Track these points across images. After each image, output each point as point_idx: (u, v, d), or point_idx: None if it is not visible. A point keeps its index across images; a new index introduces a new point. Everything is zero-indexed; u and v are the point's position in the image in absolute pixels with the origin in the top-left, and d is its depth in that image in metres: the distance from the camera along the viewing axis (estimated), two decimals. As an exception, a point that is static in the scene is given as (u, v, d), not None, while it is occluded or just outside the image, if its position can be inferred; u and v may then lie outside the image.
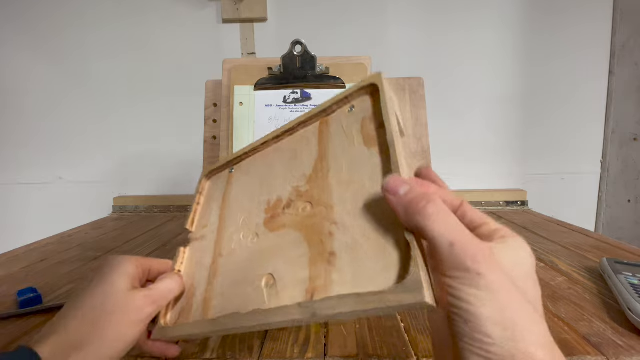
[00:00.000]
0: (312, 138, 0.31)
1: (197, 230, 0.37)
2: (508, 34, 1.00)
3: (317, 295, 0.22)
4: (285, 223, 0.29)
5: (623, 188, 0.98)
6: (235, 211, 0.34)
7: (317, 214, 0.27)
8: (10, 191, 1.09)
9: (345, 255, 0.23)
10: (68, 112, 1.06)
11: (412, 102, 0.59)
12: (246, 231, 0.32)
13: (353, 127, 0.28)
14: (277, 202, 0.31)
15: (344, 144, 0.28)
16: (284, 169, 0.32)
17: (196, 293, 0.31)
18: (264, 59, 0.56)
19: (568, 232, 0.70)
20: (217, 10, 1.01)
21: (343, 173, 0.27)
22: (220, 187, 0.38)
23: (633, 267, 0.44)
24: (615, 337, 0.33)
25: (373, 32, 1.00)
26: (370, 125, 0.27)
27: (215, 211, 0.37)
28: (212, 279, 0.31)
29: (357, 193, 0.25)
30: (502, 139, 1.04)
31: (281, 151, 0.34)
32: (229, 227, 0.34)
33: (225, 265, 0.31)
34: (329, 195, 0.27)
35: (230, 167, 0.39)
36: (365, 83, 0.28)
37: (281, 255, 0.27)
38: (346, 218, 0.25)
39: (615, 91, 0.99)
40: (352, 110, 0.30)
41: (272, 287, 0.26)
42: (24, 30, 1.03)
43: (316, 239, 0.25)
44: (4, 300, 0.45)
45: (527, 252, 0.20)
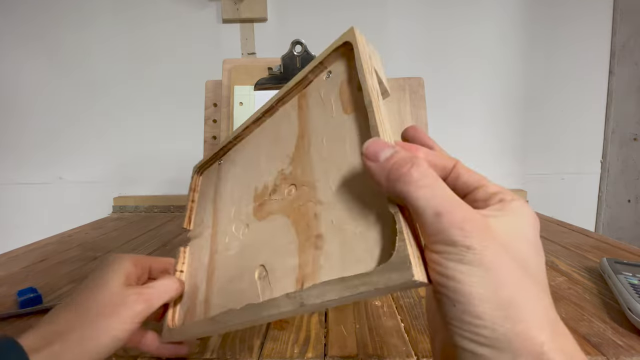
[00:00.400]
0: (292, 114, 0.28)
1: (195, 228, 0.36)
2: (508, 32, 1.00)
3: (307, 283, 0.21)
4: (273, 209, 0.26)
5: (623, 188, 0.98)
6: (228, 204, 0.33)
7: (302, 196, 0.24)
8: (10, 191, 1.09)
9: (331, 236, 0.21)
10: (68, 112, 1.06)
11: (412, 102, 0.59)
12: (238, 223, 0.30)
13: (331, 94, 0.25)
14: (264, 189, 0.28)
15: (323, 114, 0.25)
16: (268, 152, 0.30)
17: (198, 293, 0.30)
18: (264, 59, 0.56)
19: (568, 232, 0.70)
20: (217, 10, 1.01)
21: (324, 147, 0.24)
22: (213, 182, 0.37)
23: (633, 267, 0.44)
24: (615, 337, 0.33)
25: (373, 31, 1.00)
26: (349, 89, 0.24)
27: (209, 206, 0.36)
28: (211, 277, 0.30)
29: (339, 166, 0.22)
30: (502, 139, 1.04)
31: (264, 133, 0.31)
32: (222, 221, 0.33)
33: (221, 261, 0.30)
34: (311, 172, 0.24)
35: (217, 159, 0.37)
36: (339, 42, 0.24)
37: (271, 244, 0.25)
38: (330, 196, 0.22)
39: (615, 91, 0.99)
40: (329, 77, 0.26)
41: (265, 279, 0.24)
42: (24, 30, 1.03)
43: (303, 223, 0.23)
44: (4, 300, 0.45)
45: (530, 216, 0.18)
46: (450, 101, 1.01)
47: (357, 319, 0.38)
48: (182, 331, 0.29)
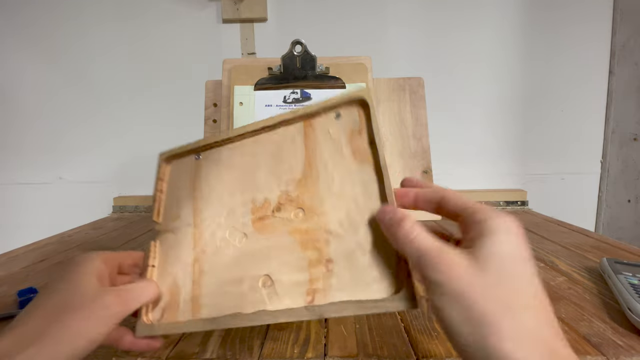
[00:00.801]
0: (297, 138, 0.32)
1: (166, 221, 0.34)
2: (508, 32, 1.00)
3: (318, 298, 0.25)
4: (277, 226, 0.30)
5: (623, 188, 0.98)
6: (215, 205, 0.33)
7: (310, 221, 0.29)
8: (10, 191, 1.09)
9: (341, 262, 0.26)
10: (68, 112, 1.06)
11: (412, 102, 0.59)
12: (231, 229, 0.31)
13: (341, 135, 0.30)
14: (265, 204, 0.31)
15: (332, 153, 0.30)
16: (268, 167, 0.32)
17: (181, 291, 0.30)
18: (264, 59, 0.56)
19: (568, 232, 0.70)
20: (217, 10, 1.01)
21: (335, 184, 0.29)
22: (187, 175, 0.35)
23: (633, 267, 0.44)
24: (615, 337, 0.33)
25: (373, 32, 1.00)
26: (360, 139, 0.29)
27: (185, 202, 0.34)
28: (198, 277, 0.30)
29: (351, 206, 0.28)
30: (502, 139, 1.04)
31: (262, 146, 0.33)
32: (209, 222, 0.32)
33: (211, 263, 0.31)
34: (320, 203, 0.29)
35: (196, 153, 0.35)
36: (355, 97, 0.30)
37: (276, 258, 0.28)
38: (340, 229, 0.27)
39: (615, 91, 0.99)
40: (338, 118, 0.31)
41: (270, 287, 0.27)
42: (25, 31, 1.03)
43: (312, 246, 0.28)
44: (4, 300, 0.45)
45: (508, 234, 0.20)
46: (450, 101, 1.01)
47: (357, 319, 0.38)
48: (164, 328, 0.29)
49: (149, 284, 0.30)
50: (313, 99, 0.54)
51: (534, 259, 0.42)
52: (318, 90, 0.54)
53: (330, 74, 0.55)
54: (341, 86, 0.54)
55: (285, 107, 0.54)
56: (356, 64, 0.56)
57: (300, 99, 0.54)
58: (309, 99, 0.54)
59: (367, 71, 0.55)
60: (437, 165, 0.68)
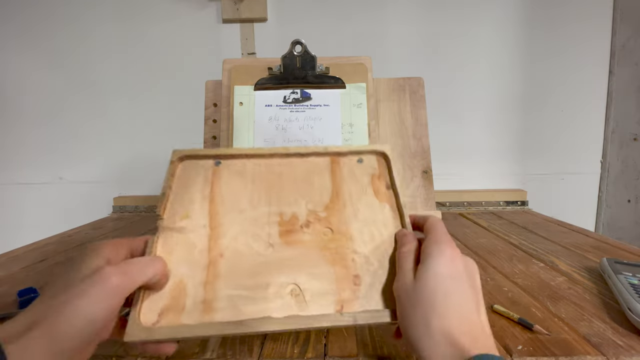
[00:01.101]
0: (325, 171, 0.37)
1: (172, 219, 0.33)
2: (508, 34, 1.00)
3: (347, 307, 0.28)
4: (305, 241, 0.32)
5: (623, 188, 0.98)
6: (235, 213, 0.34)
7: (338, 240, 0.32)
8: (11, 191, 1.09)
9: (367, 279, 0.30)
10: (68, 112, 1.06)
11: (412, 102, 0.59)
12: (255, 238, 0.32)
13: (364, 177, 0.37)
14: (293, 219, 0.34)
15: (357, 189, 0.36)
16: (297, 188, 0.36)
17: (189, 293, 0.29)
18: (264, 59, 0.56)
19: (568, 232, 0.70)
20: (217, 10, 1.01)
21: (360, 214, 0.34)
22: (203, 179, 0.36)
23: (633, 267, 0.44)
24: (615, 337, 0.33)
25: (373, 32, 1.00)
26: (380, 183, 0.36)
27: (199, 204, 0.34)
28: (213, 280, 0.30)
29: (374, 233, 0.33)
30: (502, 138, 1.04)
31: (291, 169, 0.37)
32: (228, 227, 0.33)
33: (230, 267, 0.30)
34: (347, 227, 0.33)
35: (216, 159, 0.37)
36: (377, 149, 0.38)
37: (305, 269, 0.30)
38: (365, 250, 0.32)
39: (615, 91, 0.99)
40: (361, 162, 0.38)
41: (299, 296, 0.29)
42: (23, 29, 1.03)
43: (340, 262, 0.31)
44: (4, 300, 0.45)
45: (441, 257, 0.26)
46: (450, 101, 1.01)
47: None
48: (166, 332, 0.27)
49: (155, 259, 0.28)
50: (313, 99, 0.54)
51: (536, 259, 0.42)
52: (318, 90, 0.54)
53: (330, 74, 0.55)
54: (341, 86, 0.54)
55: (285, 107, 0.54)
56: (356, 64, 0.56)
57: (300, 99, 0.54)
58: (309, 99, 0.54)
59: (367, 71, 0.55)
60: (437, 165, 0.68)
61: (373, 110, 0.55)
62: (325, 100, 0.54)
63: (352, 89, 0.55)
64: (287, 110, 0.54)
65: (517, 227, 0.75)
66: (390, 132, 0.58)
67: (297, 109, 0.54)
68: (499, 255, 0.57)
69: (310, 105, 0.54)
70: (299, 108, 0.54)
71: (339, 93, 0.55)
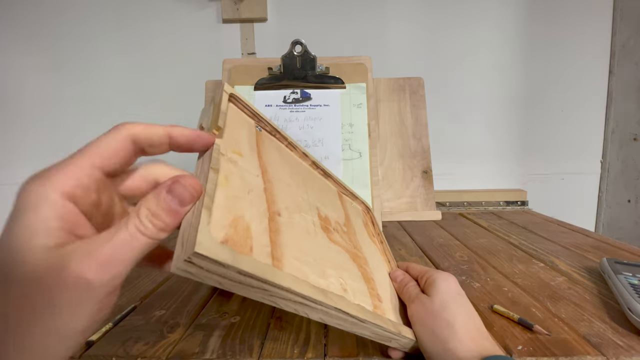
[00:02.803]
0: (336, 197, 0.41)
1: (225, 145, 0.25)
2: (508, 34, 1.00)
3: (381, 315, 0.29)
4: (340, 243, 0.33)
5: (623, 188, 0.98)
6: (282, 182, 0.30)
7: (360, 258, 0.34)
8: (10, 191, 1.08)
9: (385, 297, 0.33)
10: (68, 112, 1.06)
11: (412, 102, 0.59)
12: (303, 216, 0.29)
13: (359, 219, 0.42)
14: (327, 219, 0.34)
15: (360, 226, 0.41)
16: (321, 197, 0.37)
17: (254, 236, 0.22)
18: (264, 59, 0.56)
19: (568, 232, 0.70)
20: (217, 10, 1.01)
21: (365, 245, 0.38)
22: (247, 132, 0.30)
23: (633, 267, 0.44)
24: (615, 337, 0.33)
25: (373, 32, 1.00)
26: (370, 228, 0.43)
27: (248, 150, 0.28)
28: (275, 234, 0.24)
29: (376, 264, 0.36)
30: (502, 138, 1.04)
31: (313, 179, 0.38)
32: (279, 190, 0.28)
33: (289, 230, 0.26)
34: (361, 250, 0.36)
35: (257, 124, 0.32)
36: (363, 200, 0.45)
37: (346, 270, 0.30)
38: (376, 274, 0.35)
39: (615, 91, 0.99)
40: (351, 205, 0.43)
41: (347, 292, 0.28)
42: (25, 31, 1.03)
43: (366, 276, 0.33)
44: (4, 300, 0.45)
45: (446, 281, 0.33)
46: (450, 101, 1.01)
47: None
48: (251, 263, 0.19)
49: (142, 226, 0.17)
50: (313, 99, 0.54)
51: (536, 259, 0.42)
52: (318, 90, 0.54)
53: (330, 74, 0.55)
54: (341, 86, 0.54)
55: (285, 107, 0.54)
56: (356, 64, 0.56)
57: (300, 99, 0.54)
58: (309, 99, 0.54)
59: (367, 71, 0.55)
60: (437, 165, 0.68)
61: (373, 110, 0.55)
62: (325, 100, 0.54)
63: (352, 89, 0.55)
64: (287, 110, 0.54)
65: (517, 227, 0.75)
66: (390, 132, 0.58)
67: (297, 109, 0.54)
68: (499, 255, 0.57)
69: (310, 105, 0.54)
70: (299, 108, 0.54)
71: (339, 93, 0.55)
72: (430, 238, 0.67)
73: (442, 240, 0.66)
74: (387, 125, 0.58)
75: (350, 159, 0.52)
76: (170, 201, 0.18)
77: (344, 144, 0.52)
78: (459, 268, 0.52)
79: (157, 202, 0.18)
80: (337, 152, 0.52)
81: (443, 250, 0.60)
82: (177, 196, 0.18)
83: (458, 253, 0.58)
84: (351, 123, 0.53)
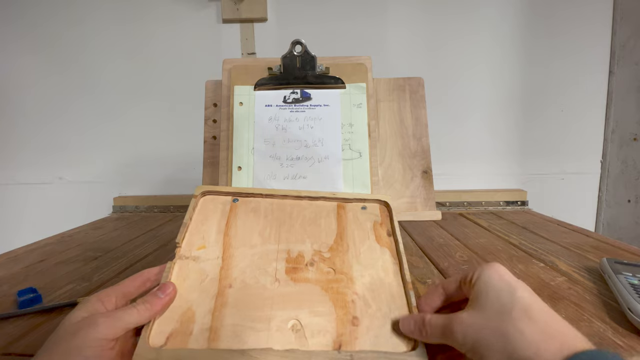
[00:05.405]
0: (331, 214, 0.41)
1: (189, 248, 0.36)
2: (508, 34, 1.00)
3: (345, 346, 0.29)
4: (309, 279, 0.34)
5: (623, 188, 0.98)
6: (246, 247, 0.36)
7: (340, 281, 0.34)
8: (11, 191, 1.09)
9: (365, 321, 0.31)
10: (68, 112, 1.06)
11: (412, 102, 0.59)
12: (262, 271, 0.34)
13: (367, 223, 0.40)
14: (299, 257, 0.36)
15: (360, 234, 0.39)
16: (304, 228, 0.39)
17: (197, 320, 0.30)
18: (264, 59, 0.56)
19: (568, 232, 0.70)
20: (217, 10, 1.01)
21: (361, 257, 0.36)
22: (220, 213, 0.40)
23: (633, 267, 0.44)
24: (615, 337, 0.33)
25: (373, 32, 1.00)
26: (382, 229, 0.39)
27: (215, 236, 0.37)
28: (221, 308, 0.31)
29: (373, 276, 0.34)
30: (502, 138, 1.04)
31: (301, 210, 0.41)
32: (238, 260, 0.35)
33: (237, 297, 0.32)
34: (349, 269, 0.35)
35: (234, 197, 0.41)
36: (380, 198, 0.42)
37: (307, 307, 0.31)
38: (365, 292, 0.33)
39: (615, 91, 0.99)
40: (364, 209, 0.42)
41: (299, 332, 0.30)
42: (24, 31, 1.03)
43: (341, 302, 0.32)
44: (4, 300, 0.45)
45: (490, 269, 0.27)
46: (450, 101, 1.01)
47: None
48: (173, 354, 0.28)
49: (149, 304, 0.29)
50: (313, 99, 0.54)
51: (536, 259, 0.41)
52: (318, 90, 0.54)
53: (330, 74, 0.55)
54: (341, 86, 0.54)
55: (285, 107, 0.54)
56: (356, 64, 0.56)
57: (300, 99, 0.54)
58: (309, 99, 0.54)
59: (367, 71, 0.55)
60: (437, 165, 0.68)
61: (373, 110, 0.55)
62: (325, 100, 0.54)
63: (352, 89, 0.55)
64: (287, 110, 0.54)
65: (517, 227, 0.75)
66: (390, 132, 0.58)
67: (297, 109, 0.54)
68: (499, 255, 0.57)
69: (310, 105, 0.54)
70: (299, 108, 0.54)
71: (339, 93, 0.54)
72: (430, 238, 0.67)
73: (442, 240, 0.66)
74: (387, 125, 0.58)
75: (350, 159, 0.52)
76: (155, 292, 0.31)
77: (344, 144, 0.52)
78: (459, 268, 0.52)
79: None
80: (337, 152, 0.52)
81: (443, 250, 0.60)
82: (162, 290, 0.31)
83: (458, 253, 0.58)
84: (351, 123, 0.53)
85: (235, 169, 0.51)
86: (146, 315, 0.29)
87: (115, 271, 0.54)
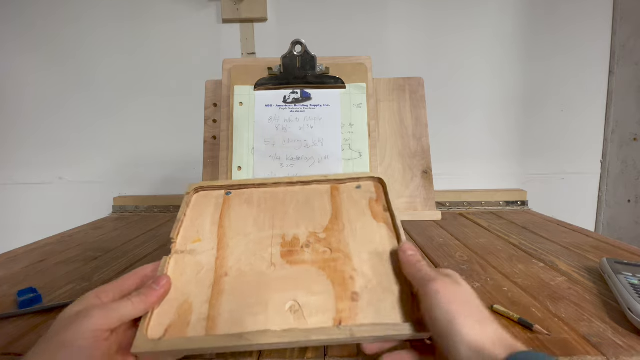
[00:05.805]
0: (325, 196, 0.41)
1: (184, 242, 0.37)
2: (508, 32, 1.00)
3: (345, 321, 0.29)
4: (306, 260, 0.34)
5: (623, 188, 0.98)
6: (240, 235, 0.37)
7: (337, 259, 0.34)
8: (10, 191, 1.09)
9: (365, 295, 0.31)
10: (68, 112, 1.06)
11: (412, 102, 0.59)
12: (258, 257, 0.34)
13: (362, 201, 0.40)
14: (294, 240, 0.36)
15: (356, 212, 0.39)
16: (299, 212, 0.39)
17: (194, 311, 0.30)
18: (264, 59, 0.56)
19: (568, 232, 0.70)
20: (217, 10, 1.01)
21: (357, 234, 0.36)
22: (214, 207, 0.40)
23: (633, 267, 0.44)
24: (615, 337, 0.33)
25: (373, 31, 1.00)
26: (377, 206, 0.39)
27: (209, 229, 0.38)
28: (217, 297, 0.31)
29: (372, 252, 0.34)
30: (502, 138, 1.04)
31: (294, 195, 0.41)
32: (233, 249, 0.35)
33: (233, 285, 0.32)
34: (346, 247, 0.35)
35: (227, 190, 0.42)
36: (374, 176, 0.42)
37: (304, 287, 0.31)
38: (364, 268, 0.33)
39: (615, 91, 0.99)
40: (359, 188, 0.41)
41: (298, 312, 0.30)
42: (23, 29, 1.03)
43: (339, 279, 0.32)
44: (4, 300, 0.45)
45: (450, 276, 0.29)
46: (450, 101, 1.01)
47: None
48: (172, 344, 0.28)
49: (146, 295, 0.30)
50: (313, 99, 0.54)
51: (536, 259, 0.41)
52: (318, 90, 0.54)
53: (330, 74, 0.55)
54: (341, 86, 0.54)
55: (285, 107, 0.54)
56: (356, 64, 0.56)
57: (300, 99, 0.54)
58: (309, 99, 0.54)
59: (367, 71, 0.55)
60: (437, 165, 0.68)
61: (373, 110, 0.55)
62: (325, 100, 0.54)
63: (352, 89, 0.55)
64: (287, 110, 0.54)
65: (517, 227, 0.75)
66: (390, 132, 0.58)
67: (297, 109, 0.54)
68: (499, 255, 0.57)
69: (310, 105, 0.54)
70: (299, 108, 0.54)
71: (339, 93, 0.55)
72: (430, 238, 0.67)
73: (442, 240, 0.66)
74: (387, 125, 0.58)
75: (350, 159, 0.52)
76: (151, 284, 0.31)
77: (344, 144, 0.52)
78: (459, 268, 0.52)
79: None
80: (337, 152, 0.52)
81: (443, 250, 0.60)
82: (156, 282, 0.31)
83: (458, 253, 0.58)
84: (351, 123, 0.53)
85: (235, 169, 0.52)
86: (141, 307, 0.29)
87: (115, 271, 0.54)
